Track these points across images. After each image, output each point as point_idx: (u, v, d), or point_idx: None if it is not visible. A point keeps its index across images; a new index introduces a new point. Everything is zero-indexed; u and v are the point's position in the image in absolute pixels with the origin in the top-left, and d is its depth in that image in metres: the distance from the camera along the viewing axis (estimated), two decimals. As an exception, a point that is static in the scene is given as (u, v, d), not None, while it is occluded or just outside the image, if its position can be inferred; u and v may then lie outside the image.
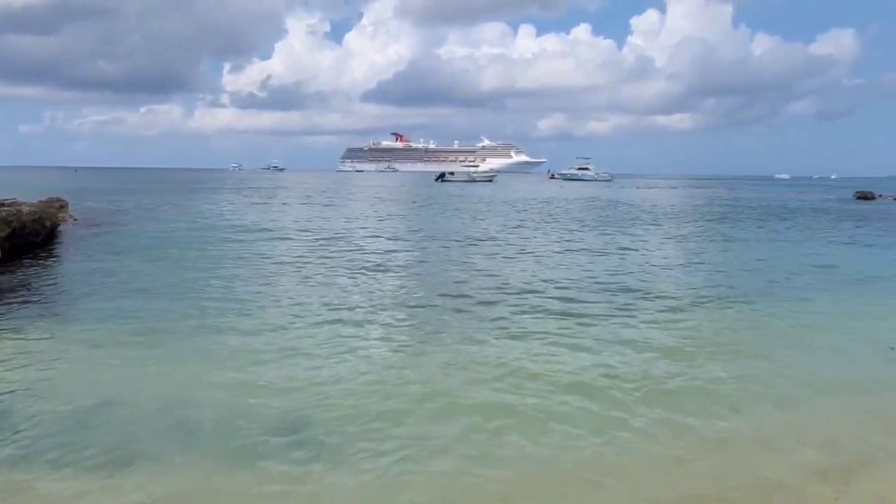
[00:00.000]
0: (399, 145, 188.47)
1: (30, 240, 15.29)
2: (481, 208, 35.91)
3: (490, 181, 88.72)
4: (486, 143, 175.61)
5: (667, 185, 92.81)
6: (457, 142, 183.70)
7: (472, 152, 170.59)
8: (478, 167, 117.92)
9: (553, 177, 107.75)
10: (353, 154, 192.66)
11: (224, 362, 7.38)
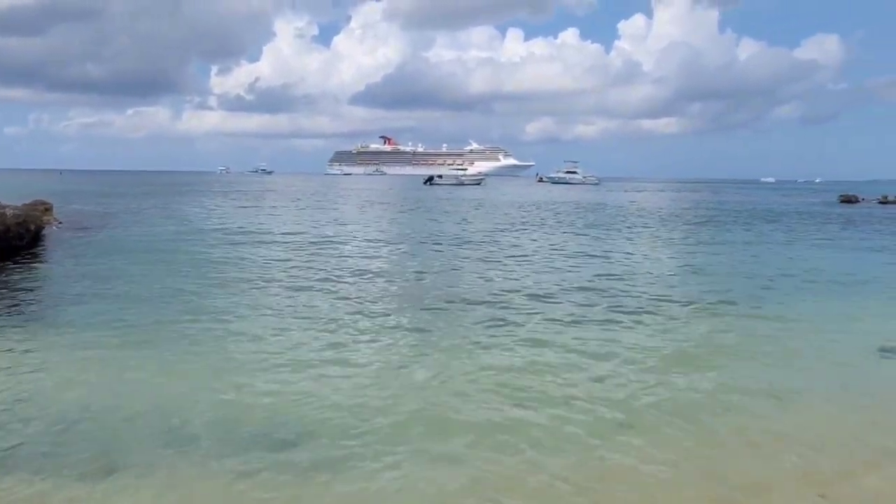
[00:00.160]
0: (387, 148, 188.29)
1: (14, 243, 15.10)
2: (470, 212, 35.94)
3: (478, 185, 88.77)
4: (475, 146, 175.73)
5: (654, 189, 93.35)
6: (445, 145, 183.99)
7: (461, 156, 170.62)
8: (466, 171, 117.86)
9: (541, 180, 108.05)
10: (342, 157, 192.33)
11: (211, 369, 7.30)
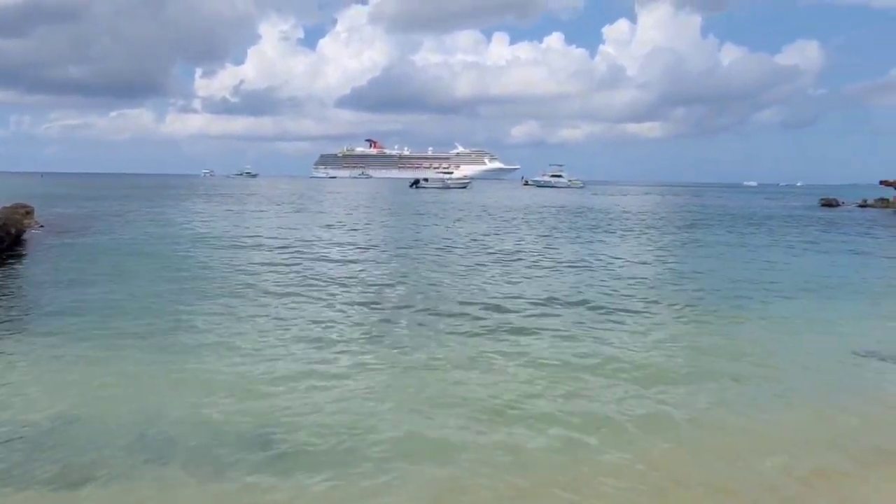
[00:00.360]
0: (373, 152, 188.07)
1: (-8, 247, 14.93)
2: (456, 215, 35.97)
3: (464, 188, 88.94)
4: (461, 149, 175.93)
5: (638, 193, 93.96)
6: (431, 148, 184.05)
7: (447, 159, 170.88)
8: (452, 174, 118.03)
9: (527, 184, 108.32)
10: (327, 160, 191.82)
11: (189, 378, 7.20)
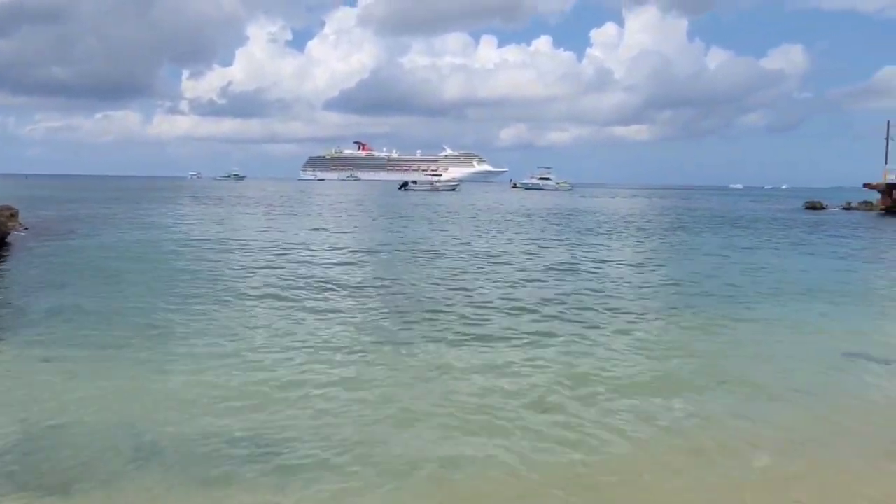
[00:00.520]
0: (361, 154, 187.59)
1: (-24, 250, 14.78)
2: (445, 218, 36.00)
3: (453, 190, 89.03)
4: (449, 152, 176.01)
5: (626, 195, 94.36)
6: (419, 151, 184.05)
7: (435, 161, 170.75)
8: (440, 176, 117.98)
9: (515, 186, 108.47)
10: (315, 162, 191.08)
11: (178, 382, 7.14)
